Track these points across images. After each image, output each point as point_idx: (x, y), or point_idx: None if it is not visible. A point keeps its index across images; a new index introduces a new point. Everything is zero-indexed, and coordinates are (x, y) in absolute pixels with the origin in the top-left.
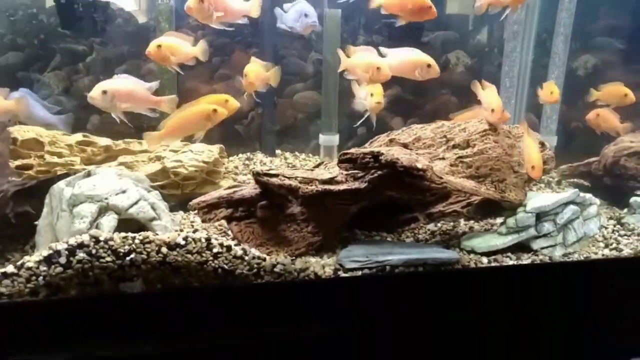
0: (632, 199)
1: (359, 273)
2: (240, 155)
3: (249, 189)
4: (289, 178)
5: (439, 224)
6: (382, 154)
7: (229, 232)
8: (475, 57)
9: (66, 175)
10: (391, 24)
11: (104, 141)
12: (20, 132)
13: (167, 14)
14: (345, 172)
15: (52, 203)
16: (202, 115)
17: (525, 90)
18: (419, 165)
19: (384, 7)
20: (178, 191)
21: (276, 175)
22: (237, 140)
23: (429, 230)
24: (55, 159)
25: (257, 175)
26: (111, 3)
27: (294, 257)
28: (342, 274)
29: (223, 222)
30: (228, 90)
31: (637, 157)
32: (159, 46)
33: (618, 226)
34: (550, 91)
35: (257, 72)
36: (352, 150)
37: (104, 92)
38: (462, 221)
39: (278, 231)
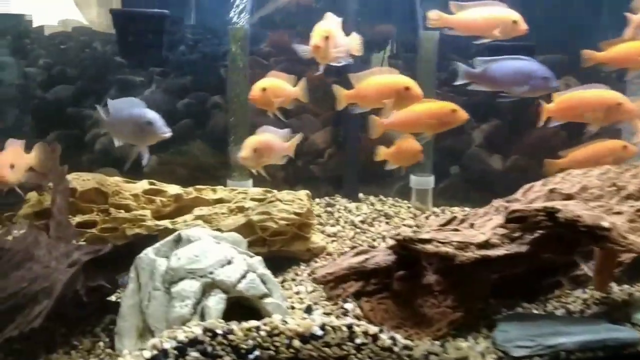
0: None
1: None
2: (317, 200)
3: (382, 255)
4: (443, 244)
5: (587, 290)
6: (559, 210)
7: (348, 310)
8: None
9: (146, 238)
10: (498, 47)
11: (173, 189)
12: (80, 182)
13: (240, 38)
14: (497, 232)
15: (140, 278)
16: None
17: None
18: (605, 224)
19: (464, 28)
20: (264, 249)
21: (430, 241)
22: (311, 182)
23: (578, 298)
24: (123, 214)
25: (409, 242)
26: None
27: (436, 340)
28: None
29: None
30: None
31: None
32: (264, 89)
33: None
34: None
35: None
36: (522, 207)
37: (255, 150)
38: (614, 285)
39: (414, 307)
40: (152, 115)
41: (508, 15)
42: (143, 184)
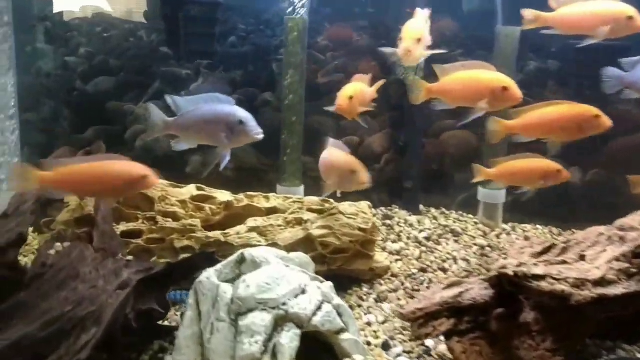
0: None
1: None
2: (372, 210)
3: (478, 288)
4: (558, 280)
5: None
6: None
7: (430, 348)
8: None
9: (203, 256)
10: (581, 48)
11: (223, 195)
12: None
13: (299, 30)
14: (613, 267)
15: (200, 305)
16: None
17: None
18: None
19: (568, 26)
20: (323, 267)
21: (543, 278)
22: (364, 190)
23: None
24: (171, 223)
25: (523, 279)
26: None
27: None
28: None
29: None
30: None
31: None
32: (351, 98)
33: None
34: None
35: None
36: None
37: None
38: None
39: (511, 349)
40: (244, 113)
41: (621, 9)
42: (191, 189)
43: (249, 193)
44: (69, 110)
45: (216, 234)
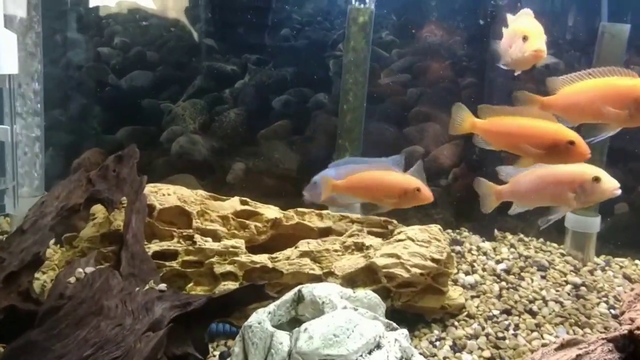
0: None
1: None
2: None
3: (600, 351)
4: None
5: None
6: None
7: None
8: None
9: (250, 289)
10: None
11: (270, 212)
12: (158, 196)
13: (363, 22)
14: None
15: (248, 356)
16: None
17: None
18: None
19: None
20: (386, 302)
21: None
22: (426, 208)
23: None
24: (210, 243)
25: None
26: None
27: None
28: None
29: None
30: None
31: None
32: None
33: None
34: None
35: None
36: None
37: None
38: None
39: None
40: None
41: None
42: (234, 203)
43: (299, 209)
44: (100, 107)
45: (263, 259)
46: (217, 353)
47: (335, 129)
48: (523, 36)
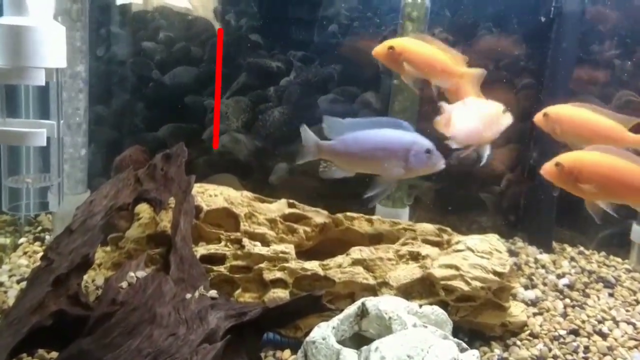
0: None
1: None
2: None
3: None
4: None
5: None
6: None
7: None
8: None
9: (308, 299)
10: None
11: (319, 216)
12: (205, 197)
13: (417, 18)
14: None
15: None
16: None
17: None
18: None
19: None
20: None
21: None
22: (476, 215)
23: None
24: (259, 247)
25: None
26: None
27: None
28: None
29: None
30: None
31: None
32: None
33: None
34: None
35: None
36: None
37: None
38: None
39: None
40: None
41: None
42: (281, 206)
43: (348, 214)
44: (143, 103)
45: (314, 266)
46: None
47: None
48: None
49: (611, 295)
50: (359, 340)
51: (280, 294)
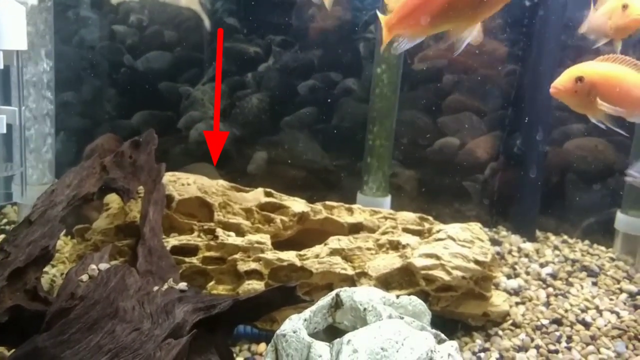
0: None
1: None
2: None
3: None
4: None
5: None
6: None
7: None
8: None
9: (280, 291)
10: None
11: (297, 205)
12: (177, 186)
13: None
14: None
15: None
16: None
17: None
18: None
19: None
20: None
21: None
22: (458, 204)
23: None
24: (233, 238)
25: None
26: None
27: None
28: None
29: None
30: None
31: None
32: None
33: None
34: None
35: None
36: None
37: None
38: None
39: None
40: None
41: None
42: (258, 195)
43: (327, 203)
44: (114, 89)
45: (290, 256)
46: (240, 359)
47: (364, 117)
48: (623, 5)
49: (595, 284)
50: (333, 332)
51: (256, 286)
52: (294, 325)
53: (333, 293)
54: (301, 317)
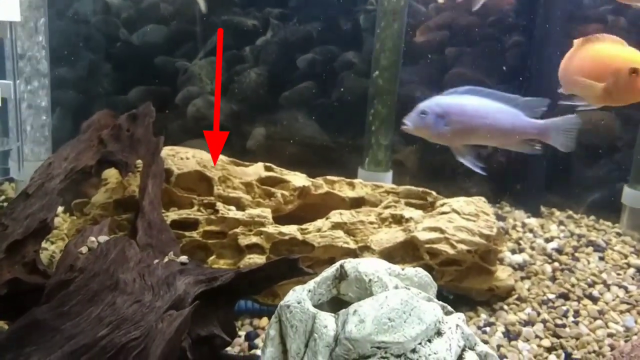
0: None
1: None
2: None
3: None
4: None
5: None
6: None
7: None
8: None
9: (283, 263)
10: None
11: (298, 179)
12: (176, 160)
13: None
14: None
15: (286, 341)
16: None
17: None
18: None
19: None
20: None
21: None
22: (461, 178)
23: None
24: (234, 212)
25: None
26: None
27: None
28: None
29: None
30: None
31: None
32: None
33: None
34: None
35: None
36: None
37: None
38: None
39: None
40: None
41: None
42: (258, 169)
43: (328, 177)
44: (110, 64)
45: (291, 230)
46: (242, 333)
47: (365, 90)
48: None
49: (601, 259)
50: (337, 304)
51: (257, 260)
52: (298, 296)
53: (337, 264)
54: (305, 288)
